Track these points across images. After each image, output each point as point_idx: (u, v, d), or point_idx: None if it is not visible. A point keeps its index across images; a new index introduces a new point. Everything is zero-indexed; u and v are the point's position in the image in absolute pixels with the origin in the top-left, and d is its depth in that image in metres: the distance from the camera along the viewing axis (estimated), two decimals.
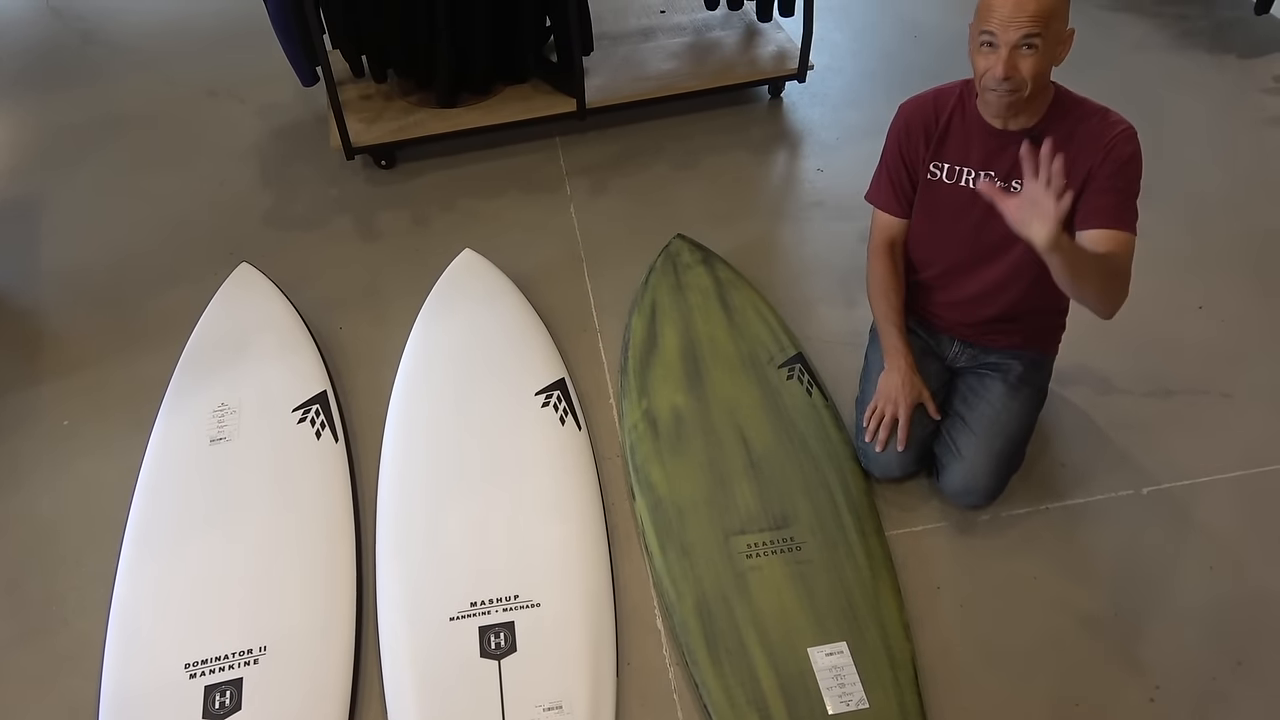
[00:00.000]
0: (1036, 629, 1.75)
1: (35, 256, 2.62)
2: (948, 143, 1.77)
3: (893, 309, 1.92)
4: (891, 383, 1.89)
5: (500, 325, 2.26)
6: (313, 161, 2.91)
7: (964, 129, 1.75)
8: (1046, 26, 1.52)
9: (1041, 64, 1.57)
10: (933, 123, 1.78)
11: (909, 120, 1.81)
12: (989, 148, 1.73)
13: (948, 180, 1.79)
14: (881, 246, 1.94)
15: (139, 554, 1.86)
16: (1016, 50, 1.54)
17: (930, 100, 1.79)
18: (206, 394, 2.12)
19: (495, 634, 1.70)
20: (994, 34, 1.55)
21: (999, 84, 1.59)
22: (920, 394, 1.89)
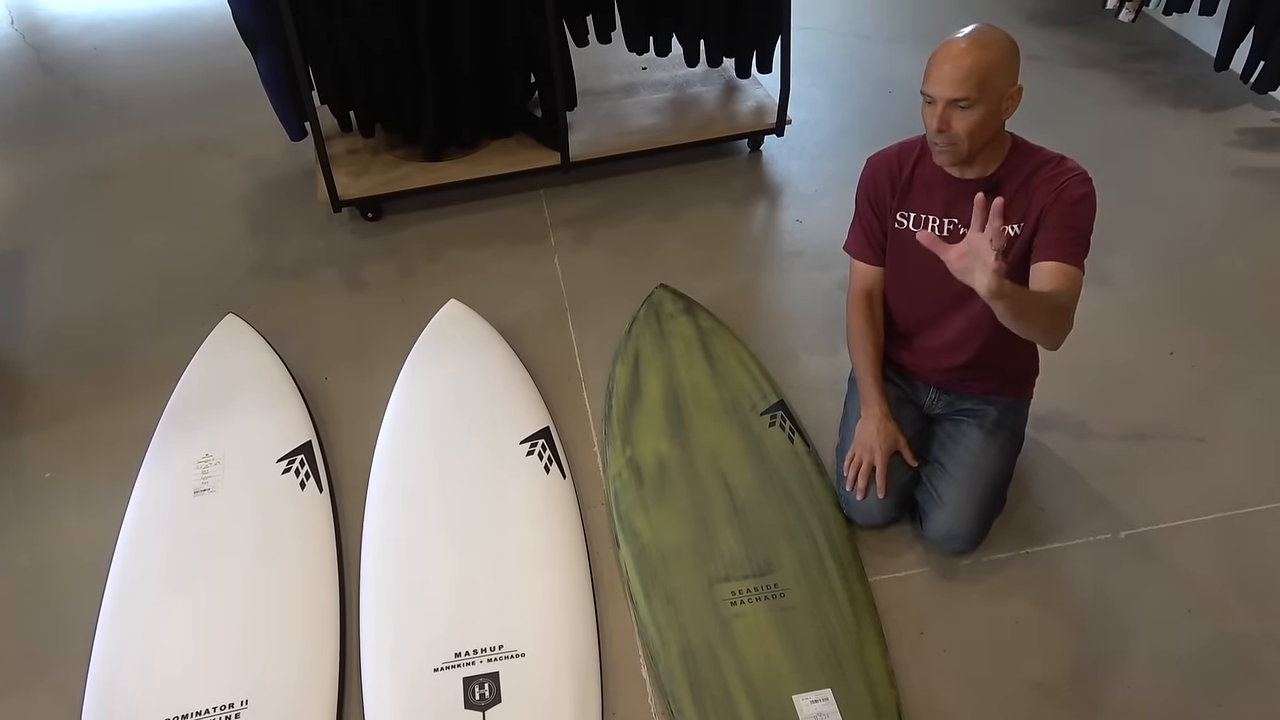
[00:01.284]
0: (1020, 673, 1.76)
1: (21, 308, 2.63)
2: (912, 192, 1.84)
3: (870, 358, 1.96)
4: (868, 431, 1.93)
5: (485, 374, 2.28)
6: (300, 214, 2.95)
7: (926, 178, 1.82)
8: (980, 89, 1.59)
9: (978, 122, 1.63)
10: (897, 173, 1.85)
11: (875, 172, 1.88)
12: (950, 196, 1.79)
13: (913, 228, 1.85)
14: (860, 296, 1.99)
15: (120, 607, 1.84)
16: (950, 108, 1.62)
17: (895, 153, 1.87)
18: (191, 445, 2.12)
19: (480, 685, 1.69)
20: (931, 94, 1.64)
21: (936, 137, 1.67)
22: (896, 441, 1.93)
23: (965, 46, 1.59)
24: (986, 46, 1.59)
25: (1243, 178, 2.97)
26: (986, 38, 1.61)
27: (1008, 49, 1.62)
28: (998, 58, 1.60)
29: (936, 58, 1.63)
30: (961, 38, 1.61)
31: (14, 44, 4.00)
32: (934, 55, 1.64)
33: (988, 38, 1.61)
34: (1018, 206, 1.73)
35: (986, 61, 1.59)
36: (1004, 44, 1.62)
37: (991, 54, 1.59)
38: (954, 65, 1.59)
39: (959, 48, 1.60)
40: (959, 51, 1.59)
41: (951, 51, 1.60)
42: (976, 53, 1.58)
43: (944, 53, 1.61)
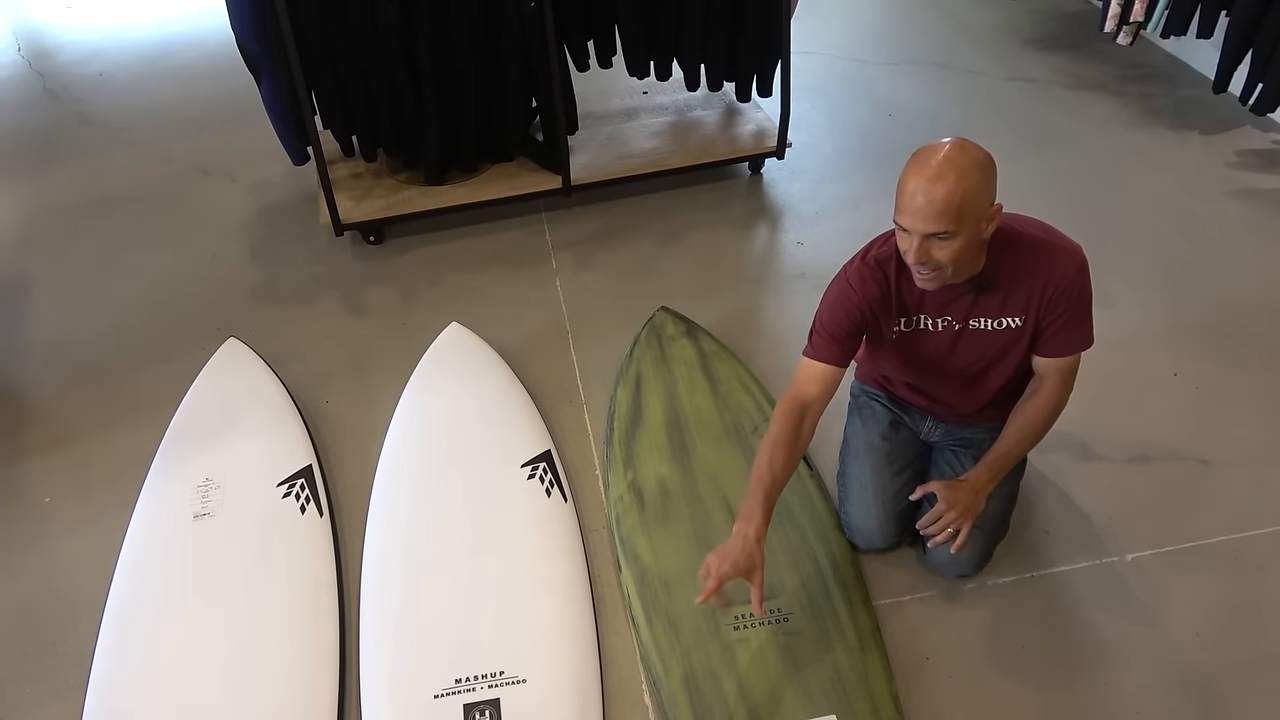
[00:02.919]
0: (1025, 697, 1.74)
1: (22, 332, 2.63)
2: (904, 300, 1.75)
3: (773, 475, 1.66)
4: (729, 545, 1.60)
5: (486, 397, 2.28)
6: (302, 238, 2.96)
7: (911, 285, 1.70)
8: (958, 221, 1.50)
9: (959, 250, 1.54)
10: (886, 288, 1.73)
11: (863, 284, 1.72)
12: (940, 300, 1.72)
13: (906, 329, 1.79)
14: (793, 405, 1.73)
15: (118, 633, 1.83)
16: (928, 240, 1.53)
17: (874, 268, 1.72)
18: (191, 469, 2.12)
19: (480, 711, 1.67)
20: (906, 227, 1.54)
21: (914, 268, 1.60)
22: (751, 571, 1.58)
23: (939, 176, 1.47)
24: (962, 174, 1.47)
25: (1243, 199, 2.97)
26: (961, 163, 1.48)
27: (984, 169, 1.51)
28: (974, 184, 1.48)
29: (909, 186, 1.50)
30: (935, 164, 1.48)
31: (21, 71, 4.03)
32: (905, 180, 1.51)
33: (962, 163, 1.48)
34: (1013, 300, 1.69)
35: (962, 192, 1.47)
36: (979, 166, 1.50)
37: (967, 182, 1.47)
38: (928, 199, 1.48)
39: (932, 178, 1.47)
40: (932, 183, 1.47)
41: (924, 183, 1.48)
42: (951, 182, 1.47)
43: (916, 182, 1.49)
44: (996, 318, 1.73)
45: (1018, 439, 1.83)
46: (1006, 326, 1.73)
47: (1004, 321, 1.73)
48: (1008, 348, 1.77)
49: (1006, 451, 1.84)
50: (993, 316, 1.72)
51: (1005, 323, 1.73)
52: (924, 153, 1.52)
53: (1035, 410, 1.81)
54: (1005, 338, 1.75)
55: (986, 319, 1.73)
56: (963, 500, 1.81)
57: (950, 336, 1.77)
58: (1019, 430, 1.83)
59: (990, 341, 1.76)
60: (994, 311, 1.72)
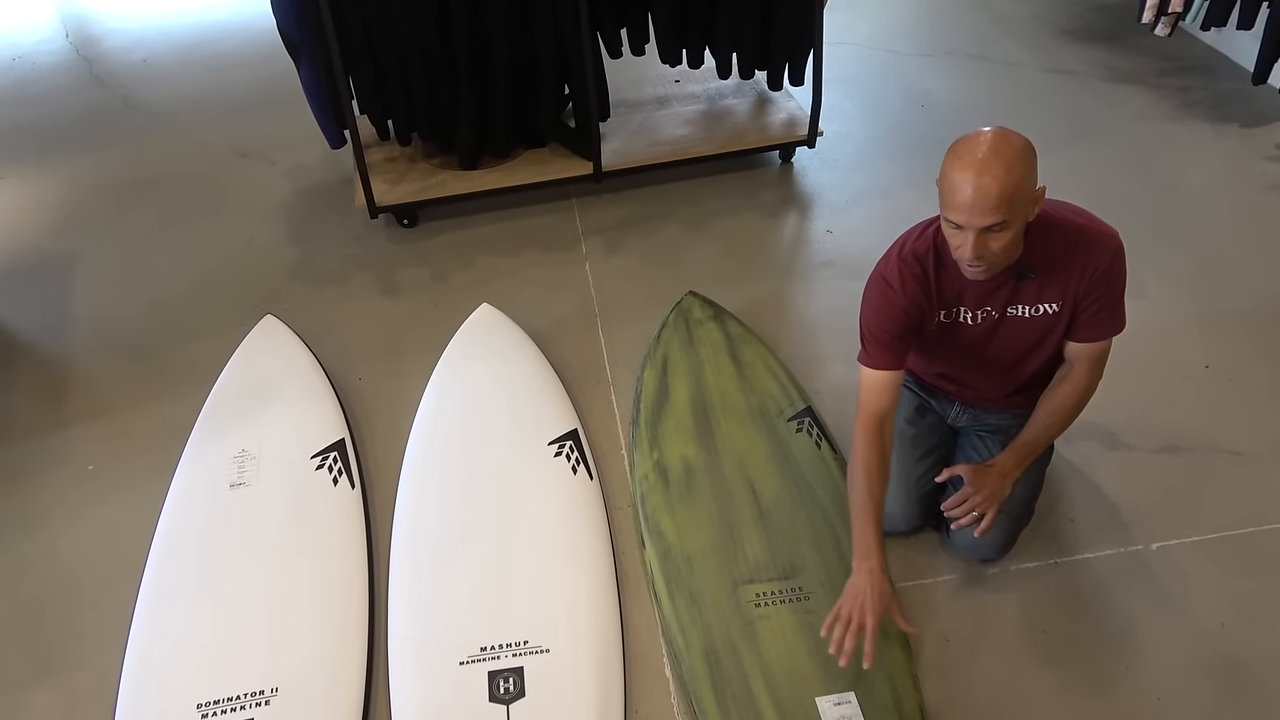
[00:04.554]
0: (1045, 681, 1.75)
1: (68, 308, 2.71)
2: (942, 292, 1.74)
3: (873, 500, 1.69)
4: (859, 587, 1.63)
5: (515, 377, 2.31)
6: (338, 221, 3.01)
7: (950, 278, 1.71)
8: (1010, 211, 1.49)
9: (1013, 238, 1.55)
10: (925, 283, 1.73)
11: (903, 281, 1.72)
12: (980, 291, 1.72)
13: (945, 320, 1.79)
14: (871, 422, 1.74)
15: (156, 595, 1.89)
16: (985, 233, 1.52)
17: (911, 263, 1.72)
18: (228, 440, 2.17)
19: (504, 679, 1.71)
20: (960, 224, 1.53)
21: (971, 264, 1.58)
22: (890, 605, 1.62)
23: (987, 169, 1.46)
24: (1009, 164, 1.47)
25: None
26: (1006, 152, 1.48)
27: (1028, 158, 1.50)
28: (1021, 171, 1.48)
29: (957, 182, 1.49)
30: (980, 157, 1.47)
31: (68, 57, 4.13)
32: (951, 175, 1.50)
33: (1007, 152, 1.48)
34: (1051, 286, 1.69)
35: (1013, 182, 1.47)
36: (1023, 155, 1.49)
37: (1015, 172, 1.47)
38: (981, 195, 1.47)
39: (980, 171, 1.47)
40: (981, 177, 1.46)
41: (973, 176, 1.47)
42: (1001, 173, 1.46)
43: (964, 177, 1.48)
44: (1034, 304, 1.72)
45: (1046, 425, 1.83)
46: (1044, 313, 1.73)
47: (1042, 308, 1.72)
48: (1044, 334, 1.77)
49: (1035, 438, 1.84)
50: (1030, 303, 1.72)
51: (1043, 309, 1.72)
52: (966, 146, 1.50)
53: (1064, 396, 1.81)
54: (1042, 324, 1.75)
55: (1025, 306, 1.73)
56: (989, 484, 1.81)
57: (990, 326, 1.77)
58: (1047, 416, 1.83)
59: (1028, 328, 1.76)
60: (1032, 298, 1.71)
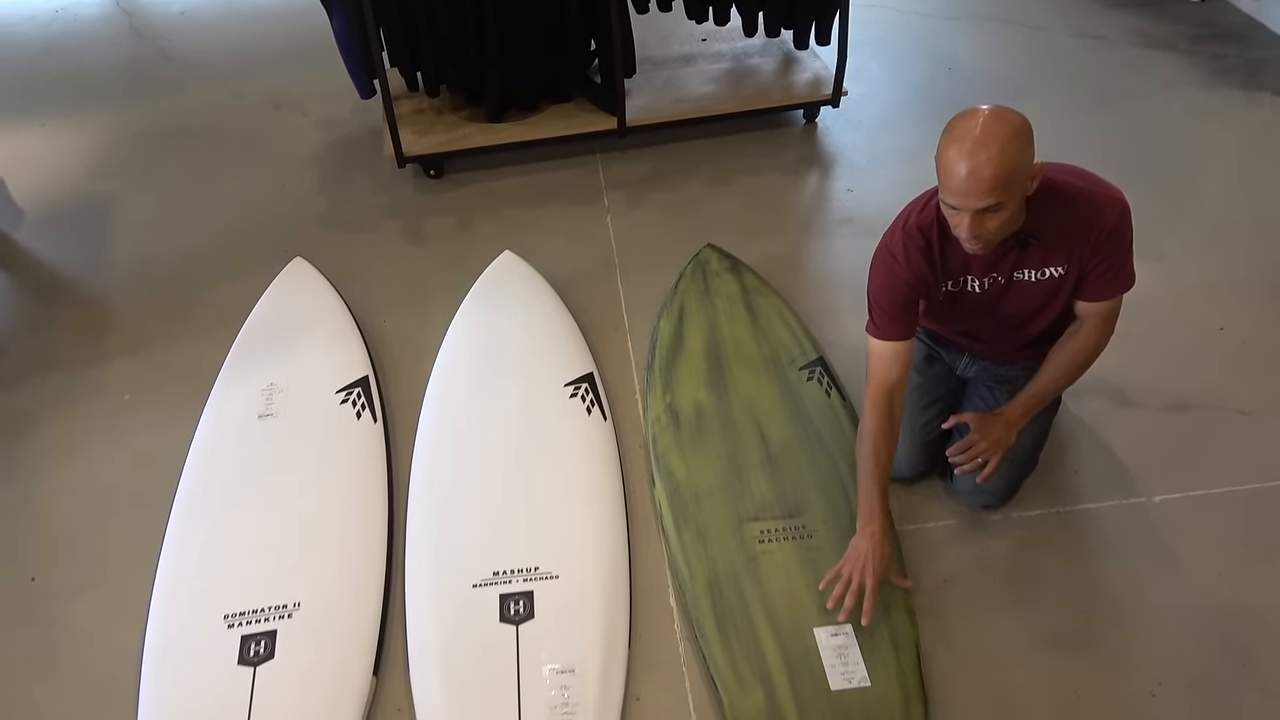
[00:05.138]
0: (1042, 623, 1.79)
1: (108, 249, 2.81)
2: (947, 264, 1.76)
3: (880, 469, 1.75)
4: (862, 549, 1.71)
5: (534, 321, 2.37)
6: (366, 171, 3.08)
7: (955, 249, 1.72)
8: (1005, 192, 1.50)
9: (1009, 216, 1.56)
10: (930, 255, 1.74)
11: (908, 256, 1.74)
12: (986, 260, 1.73)
13: (953, 289, 1.81)
14: (880, 393, 1.78)
15: (187, 515, 1.98)
16: (980, 215, 1.54)
17: (915, 235, 1.73)
18: (257, 374, 2.25)
19: (515, 601, 1.78)
20: (956, 206, 1.55)
21: (966, 242, 1.61)
22: (890, 567, 1.72)
23: (980, 151, 1.47)
24: (1004, 146, 1.47)
25: None
26: (1001, 134, 1.47)
27: (1023, 136, 1.49)
28: (1015, 153, 1.48)
29: (952, 165, 1.50)
30: (974, 139, 1.47)
31: (109, 10, 4.22)
32: (947, 157, 1.51)
33: (1002, 133, 1.47)
34: (1056, 251, 1.70)
35: (1007, 165, 1.47)
36: (1018, 135, 1.49)
37: (1010, 154, 1.47)
38: (975, 178, 1.48)
39: (974, 154, 1.47)
40: (975, 160, 1.47)
41: (967, 160, 1.48)
42: (995, 155, 1.46)
43: (959, 160, 1.49)
44: (1040, 269, 1.74)
45: (1054, 377, 1.86)
46: (1050, 276, 1.75)
47: (1048, 272, 1.74)
48: (1051, 296, 1.79)
49: (1043, 389, 1.87)
50: (1036, 268, 1.74)
51: (1049, 273, 1.74)
52: (961, 127, 1.50)
53: (1074, 350, 1.83)
54: (1049, 287, 1.77)
55: (1031, 270, 1.75)
56: (994, 432, 1.85)
57: (997, 291, 1.80)
58: (1056, 369, 1.85)
59: (1035, 292, 1.78)
60: (1037, 263, 1.73)
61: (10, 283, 2.72)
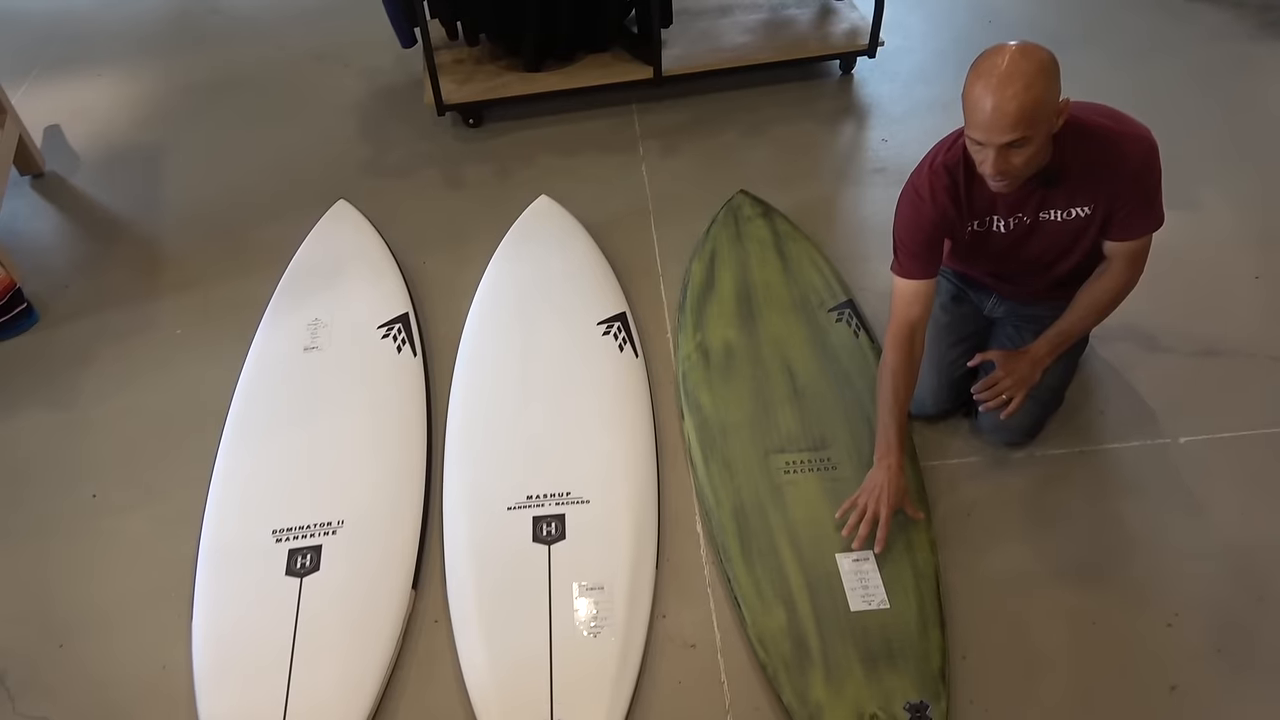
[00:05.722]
0: (1061, 556, 1.82)
1: (160, 192, 2.91)
2: (974, 203, 1.77)
3: (899, 404, 1.80)
4: (877, 480, 1.78)
5: (569, 262, 2.43)
6: (407, 120, 3.14)
7: (981, 189, 1.73)
8: (1032, 126, 1.50)
9: (1035, 153, 1.57)
10: (956, 193, 1.76)
11: (934, 195, 1.76)
12: (1011, 200, 1.74)
13: (979, 229, 1.82)
14: (902, 331, 1.81)
15: (237, 439, 2.08)
16: (1004, 150, 1.54)
17: (942, 174, 1.75)
18: (303, 309, 2.34)
19: (547, 523, 1.86)
20: (980, 141, 1.55)
21: (991, 179, 1.61)
22: (904, 499, 1.77)
23: (1006, 86, 1.47)
24: (1029, 81, 1.47)
25: None
26: (1027, 69, 1.48)
27: (1049, 71, 1.50)
28: (1042, 88, 1.49)
29: (977, 100, 1.51)
30: (1000, 75, 1.48)
31: None
32: (972, 92, 1.52)
33: (1028, 69, 1.48)
34: (1082, 190, 1.71)
35: (1032, 99, 1.48)
36: (1044, 70, 1.49)
37: (1036, 87, 1.48)
38: (1000, 114, 1.49)
39: (999, 89, 1.48)
40: (1001, 95, 1.48)
41: (993, 95, 1.48)
42: (1020, 90, 1.47)
43: (984, 95, 1.49)
44: (1066, 208, 1.75)
45: (1081, 316, 1.87)
46: (1076, 216, 1.76)
47: (1074, 211, 1.75)
48: (1078, 236, 1.80)
49: (1069, 328, 1.89)
50: (1062, 208, 1.75)
51: (1075, 213, 1.75)
52: (987, 63, 1.51)
53: (1103, 290, 1.84)
54: (1075, 227, 1.78)
55: (1057, 210, 1.76)
56: (1020, 370, 1.88)
57: (1023, 232, 1.81)
58: (1084, 308, 1.87)
59: (1061, 232, 1.79)
60: (1063, 203, 1.74)
61: (69, 224, 2.84)
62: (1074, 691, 1.63)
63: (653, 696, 1.67)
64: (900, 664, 1.62)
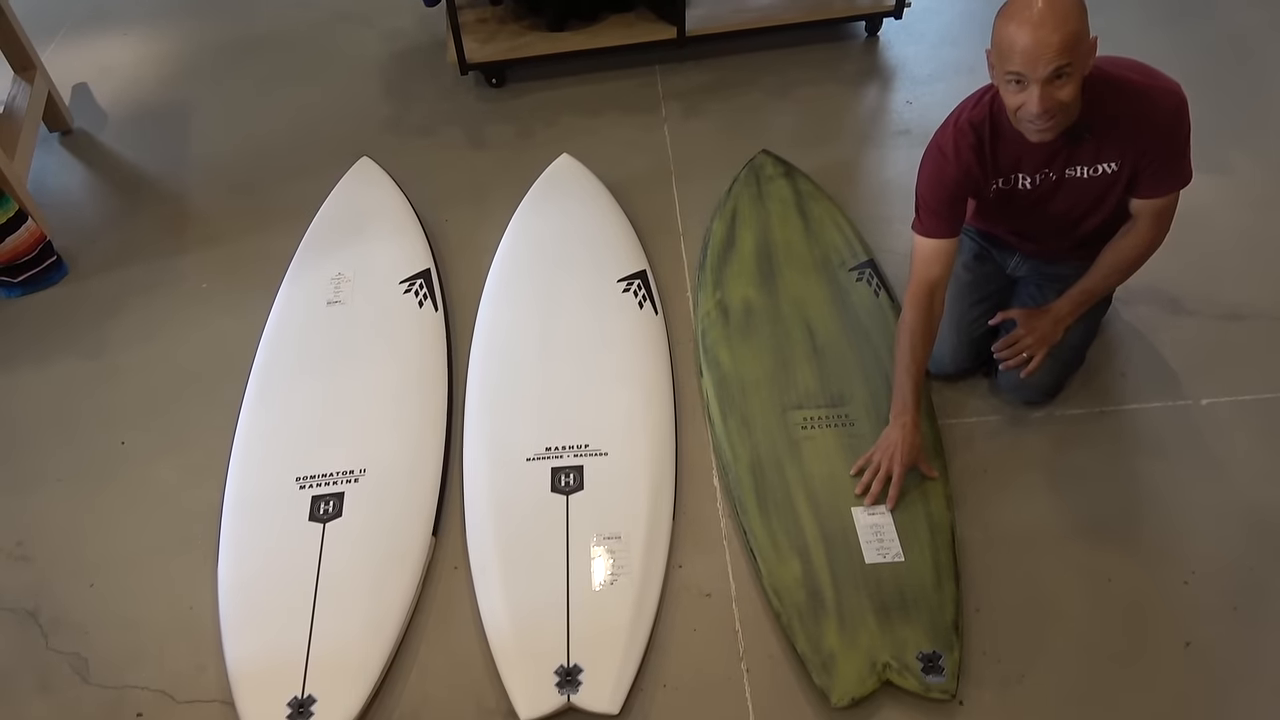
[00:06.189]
0: (1078, 514, 1.82)
1: (186, 149, 2.93)
2: (999, 161, 1.75)
3: (916, 362, 1.80)
4: (892, 437, 1.79)
5: (590, 221, 2.43)
6: (430, 80, 3.14)
7: (1007, 144, 1.72)
8: (1074, 53, 1.49)
9: (1078, 85, 1.54)
10: (981, 151, 1.74)
11: (959, 152, 1.74)
12: (1037, 157, 1.73)
13: (1005, 186, 1.80)
14: (922, 289, 1.81)
15: (261, 390, 2.11)
16: (1050, 84, 1.51)
17: (967, 131, 1.73)
18: (326, 264, 2.36)
19: (566, 474, 1.88)
20: (1021, 73, 1.52)
21: (1037, 119, 1.56)
22: (919, 456, 1.80)
23: (1044, 23, 1.47)
24: (1065, 17, 1.47)
25: None
26: (1061, 7, 1.48)
27: (1081, 10, 1.50)
28: (1077, 21, 1.49)
29: (1013, 36, 1.49)
30: (1037, 14, 1.47)
31: None
32: (1007, 28, 1.50)
33: (1062, 6, 1.48)
34: (1109, 146, 1.68)
35: (1071, 32, 1.47)
36: (1077, 6, 1.50)
37: (1072, 21, 1.48)
38: (1043, 43, 1.47)
39: (1038, 18, 1.47)
40: (1040, 22, 1.47)
41: (1031, 24, 1.47)
42: (1060, 26, 1.46)
43: (1022, 27, 1.48)
44: (1093, 164, 1.73)
45: (1105, 274, 1.86)
46: (1103, 172, 1.74)
47: (1101, 168, 1.73)
48: (1104, 193, 1.78)
49: (1093, 286, 1.87)
50: (1089, 164, 1.73)
51: (1102, 169, 1.73)
52: (1018, 4, 1.50)
53: (1127, 248, 1.83)
54: (1102, 183, 1.76)
55: (1083, 167, 1.74)
56: (1041, 328, 1.87)
57: (1048, 188, 1.79)
58: (1108, 266, 1.85)
59: (1087, 189, 1.78)
60: (1090, 159, 1.72)
61: (96, 180, 2.87)
62: (1087, 645, 1.64)
63: (668, 643, 1.69)
64: (913, 615, 1.64)
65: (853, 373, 2.02)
